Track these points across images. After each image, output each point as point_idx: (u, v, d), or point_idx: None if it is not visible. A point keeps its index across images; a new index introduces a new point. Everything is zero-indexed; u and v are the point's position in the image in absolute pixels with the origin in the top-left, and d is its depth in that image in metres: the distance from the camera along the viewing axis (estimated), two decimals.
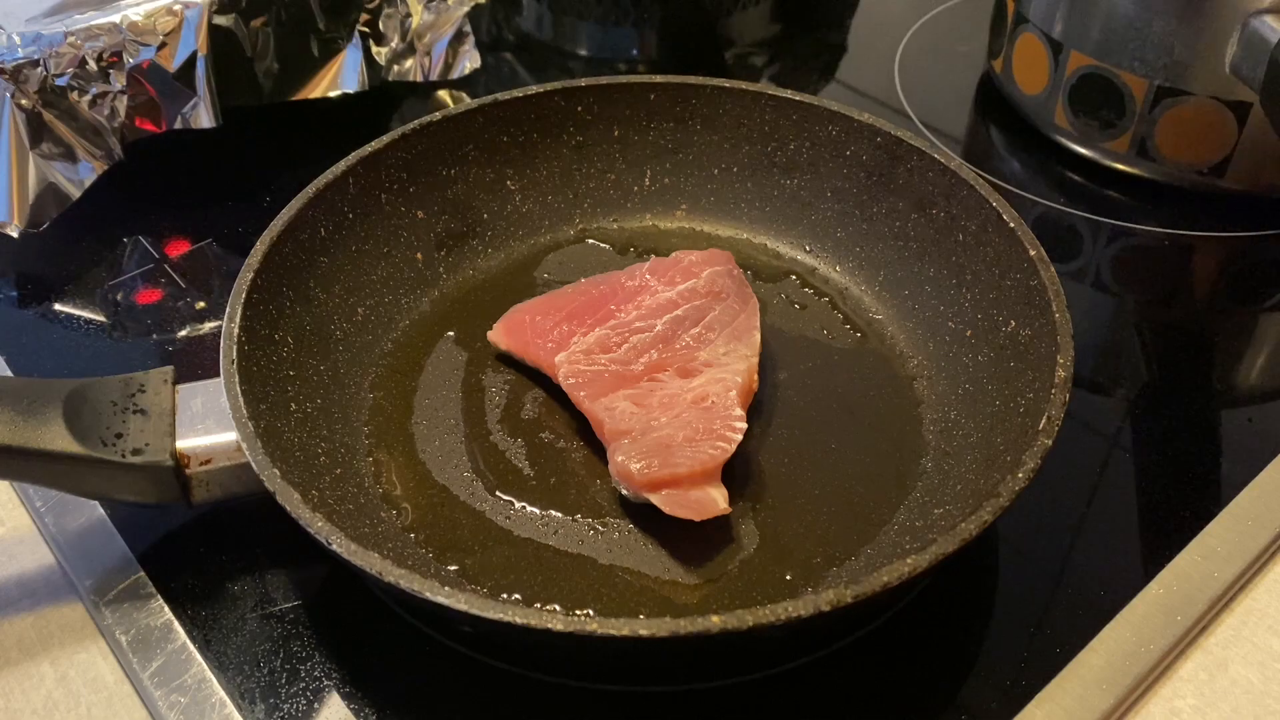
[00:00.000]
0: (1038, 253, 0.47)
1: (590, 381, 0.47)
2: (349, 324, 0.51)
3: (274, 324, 0.47)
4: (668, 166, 0.59)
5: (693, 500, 0.43)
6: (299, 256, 0.49)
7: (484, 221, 0.57)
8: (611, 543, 0.44)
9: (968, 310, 0.50)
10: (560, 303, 0.52)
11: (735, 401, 0.46)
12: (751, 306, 0.51)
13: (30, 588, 0.45)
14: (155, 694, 0.40)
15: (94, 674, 0.42)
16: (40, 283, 0.59)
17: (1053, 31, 0.64)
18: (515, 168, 0.57)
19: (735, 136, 0.58)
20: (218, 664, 0.41)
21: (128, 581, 0.44)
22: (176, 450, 0.42)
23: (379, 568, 0.36)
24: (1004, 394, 0.46)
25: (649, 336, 0.49)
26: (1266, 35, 0.55)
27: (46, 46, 0.56)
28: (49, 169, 0.58)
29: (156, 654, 0.42)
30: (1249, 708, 0.41)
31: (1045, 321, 0.45)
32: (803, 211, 0.57)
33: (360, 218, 0.52)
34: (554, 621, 0.34)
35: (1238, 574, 0.45)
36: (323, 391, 0.47)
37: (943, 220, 0.52)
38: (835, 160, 0.56)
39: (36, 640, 0.43)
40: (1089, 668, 0.41)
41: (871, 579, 0.35)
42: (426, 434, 0.48)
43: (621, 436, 0.45)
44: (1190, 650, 0.43)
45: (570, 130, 0.58)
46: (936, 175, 0.52)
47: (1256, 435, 0.51)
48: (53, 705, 0.41)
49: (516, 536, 0.44)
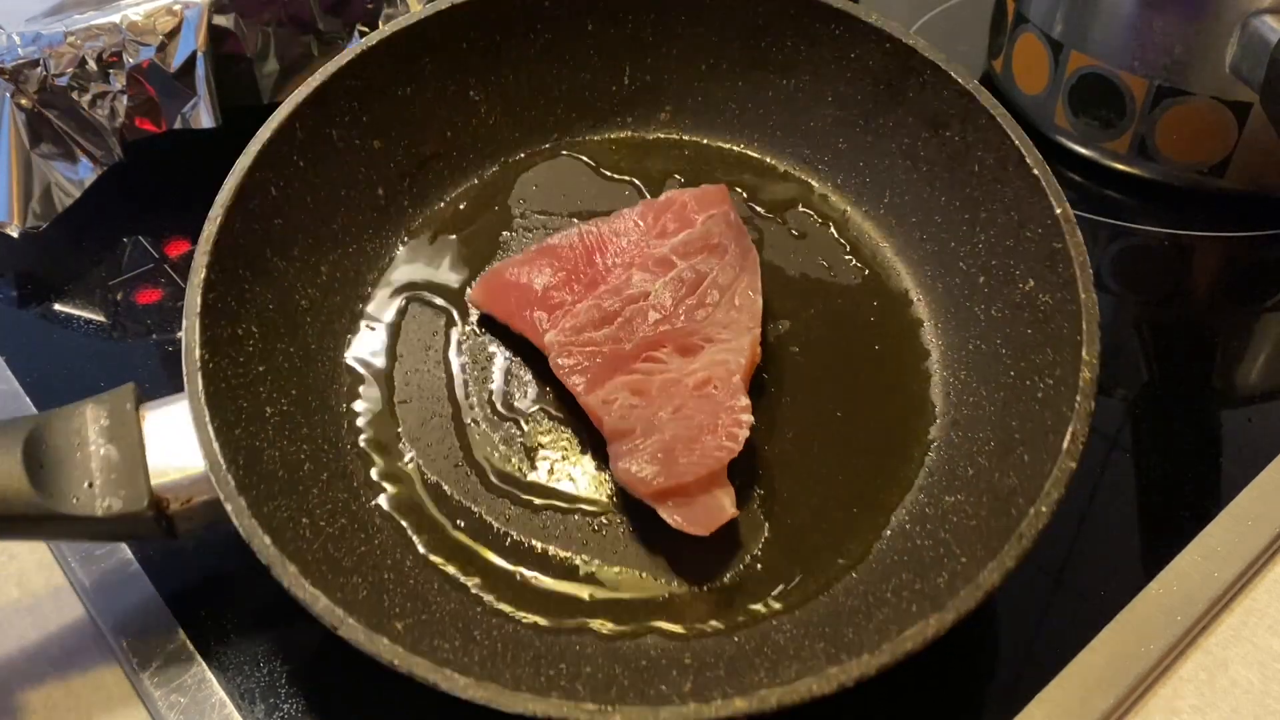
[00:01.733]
0: (1063, 210, 0.43)
1: (584, 368, 0.44)
2: (314, 289, 0.46)
3: (235, 318, 0.42)
4: (649, 63, 0.53)
5: (700, 510, 0.41)
6: (252, 229, 0.44)
7: (447, 140, 0.51)
8: (616, 541, 0.42)
9: (981, 253, 0.46)
10: (543, 262, 0.47)
11: (739, 386, 0.43)
12: (751, 262, 0.47)
13: (31, 588, 0.45)
14: (155, 694, 0.40)
15: (93, 674, 0.42)
16: (40, 283, 0.58)
17: (1053, 31, 0.64)
18: (478, 76, 0.51)
19: (724, 28, 0.52)
20: (218, 664, 0.41)
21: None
22: (154, 493, 0.38)
23: (389, 656, 0.34)
24: (1019, 366, 0.43)
25: (644, 306, 0.45)
26: (1266, 35, 0.55)
27: (46, 46, 0.56)
28: (49, 169, 0.58)
29: (156, 654, 0.42)
30: (1249, 708, 0.41)
31: (1068, 295, 0.41)
32: (799, 117, 0.52)
33: (312, 164, 0.47)
34: (581, 714, 0.32)
35: (1238, 574, 0.45)
36: (296, 379, 0.44)
37: (957, 144, 0.47)
38: (838, 63, 0.50)
39: (36, 640, 0.43)
40: (1089, 668, 0.41)
41: (896, 644, 0.34)
42: (413, 416, 0.45)
43: (623, 437, 0.42)
44: (1190, 650, 0.43)
45: (537, 28, 0.52)
46: (952, 95, 0.47)
47: (1256, 435, 0.51)
48: (52, 705, 0.41)
49: (515, 537, 0.42)
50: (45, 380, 0.53)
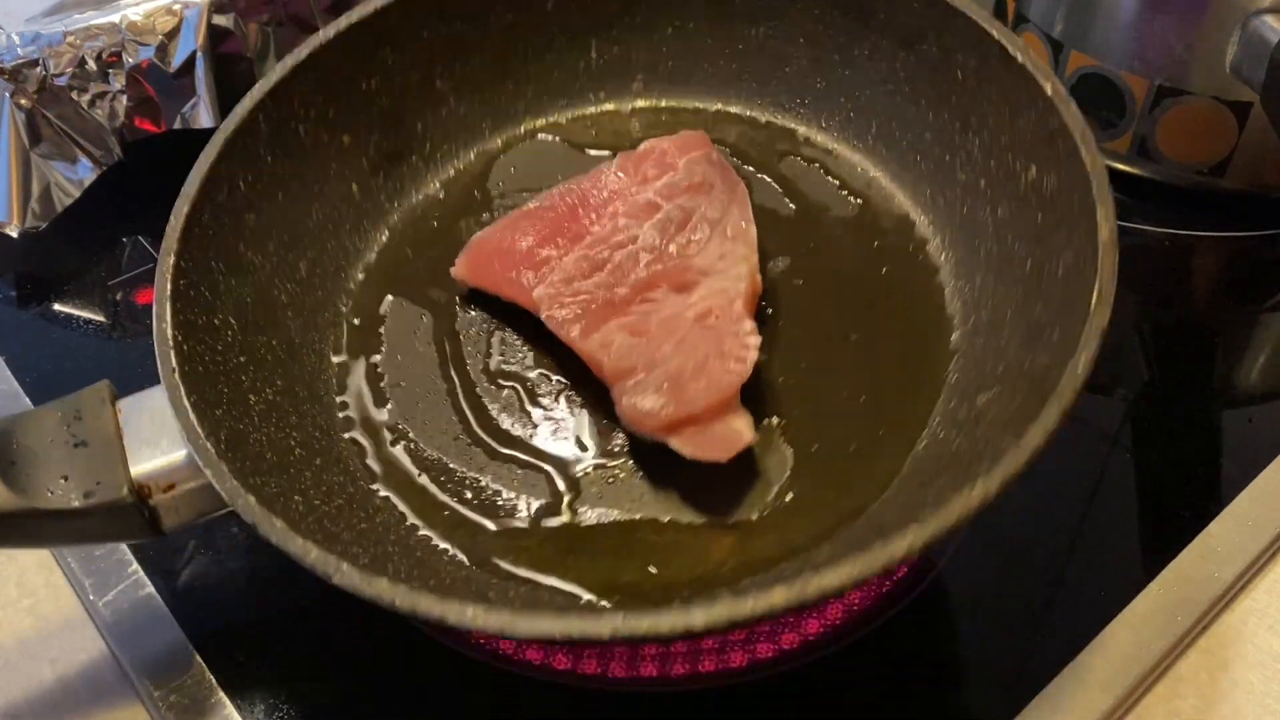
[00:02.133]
0: (1054, 88, 0.41)
1: (578, 316, 0.42)
2: (294, 284, 0.45)
3: (210, 308, 0.41)
4: (614, 34, 0.52)
5: (716, 437, 0.38)
6: (221, 222, 0.43)
7: (419, 134, 0.51)
8: (635, 490, 0.40)
9: (978, 158, 0.45)
10: (526, 224, 0.46)
11: (742, 313, 0.41)
12: (740, 194, 0.46)
13: (30, 588, 0.45)
14: (154, 694, 0.40)
15: (92, 674, 0.42)
16: (40, 283, 0.58)
17: (1053, 31, 0.64)
18: (443, 64, 0.51)
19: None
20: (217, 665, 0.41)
21: (127, 582, 0.44)
22: (133, 481, 0.37)
23: (390, 595, 0.31)
24: (1034, 254, 0.41)
25: (634, 250, 0.44)
26: (1267, 35, 0.55)
27: (46, 46, 0.56)
28: (48, 169, 0.58)
29: (156, 653, 0.41)
30: (1249, 708, 0.41)
31: (1073, 168, 0.39)
32: (774, 65, 0.51)
33: (281, 159, 0.46)
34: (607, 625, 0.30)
35: (1238, 574, 0.45)
36: (281, 371, 0.42)
37: (935, 56, 0.46)
38: (803, 0, 0.50)
39: (36, 640, 0.43)
40: (1089, 668, 0.41)
41: (944, 514, 0.31)
42: (405, 398, 0.44)
43: (625, 376, 0.40)
44: (1190, 651, 0.43)
45: (497, 10, 0.51)
46: (921, 6, 0.46)
47: (1257, 435, 0.51)
48: (53, 705, 0.41)
49: (527, 502, 0.40)
50: (45, 380, 0.52)
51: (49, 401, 0.39)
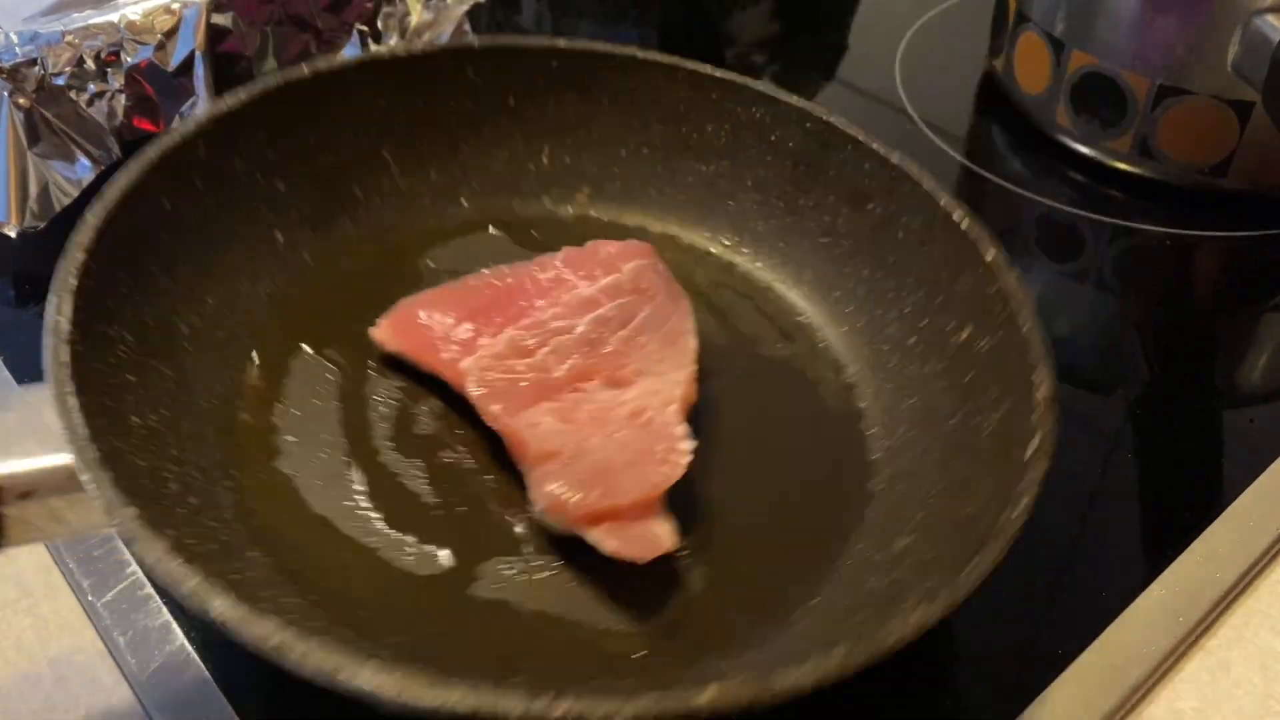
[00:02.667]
0: (994, 256, 0.42)
1: (505, 393, 0.40)
2: (198, 316, 0.43)
3: (108, 317, 0.39)
4: (569, 144, 0.53)
5: (636, 536, 0.37)
6: (137, 234, 0.41)
7: (355, 198, 0.49)
8: (537, 586, 0.38)
9: (909, 316, 0.46)
10: (460, 297, 0.45)
11: (677, 416, 0.40)
12: (684, 307, 0.45)
13: (28, 588, 0.45)
14: (154, 694, 0.40)
15: (91, 675, 0.42)
16: (39, 283, 0.58)
17: (1054, 30, 0.64)
18: (394, 137, 0.50)
19: (646, 114, 0.52)
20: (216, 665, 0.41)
21: (126, 582, 0.44)
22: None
23: (276, 640, 0.29)
24: (962, 409, 0.42)
25: (571, 339, 0.42)
26: (1268, 34, 0.55)
27: (44, 45, 0.56)
28: (47, 168, 0.57)
29: (155, 654, 0.41)
30: (1251, 709, 0.41)
31: (1010, 333, 0.40)
32: (719, 201, 0.52)
33: (211, 187, 0.45)
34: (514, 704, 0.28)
35: (1240, 575, 0.45)
36: (168, 400, 0.40)
37: (879, 216, 0.48)
38: (758, 146, 0.51)
39: (34, 641, 0.43)
40: (1090, 669, 0.41)
41: (881, 635, 0.31)
42: (299, 453, 0.41)
43: (548, 459, 0.38)
44: (1192, 651, 0.43)
45: (459, 96, 0.51)
46: (875, 168, 0.47)
47: (1258, 436, 0.51)
48: (51, 705, 0.41)
49: (418, 579, 0.38)
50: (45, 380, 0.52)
51: None
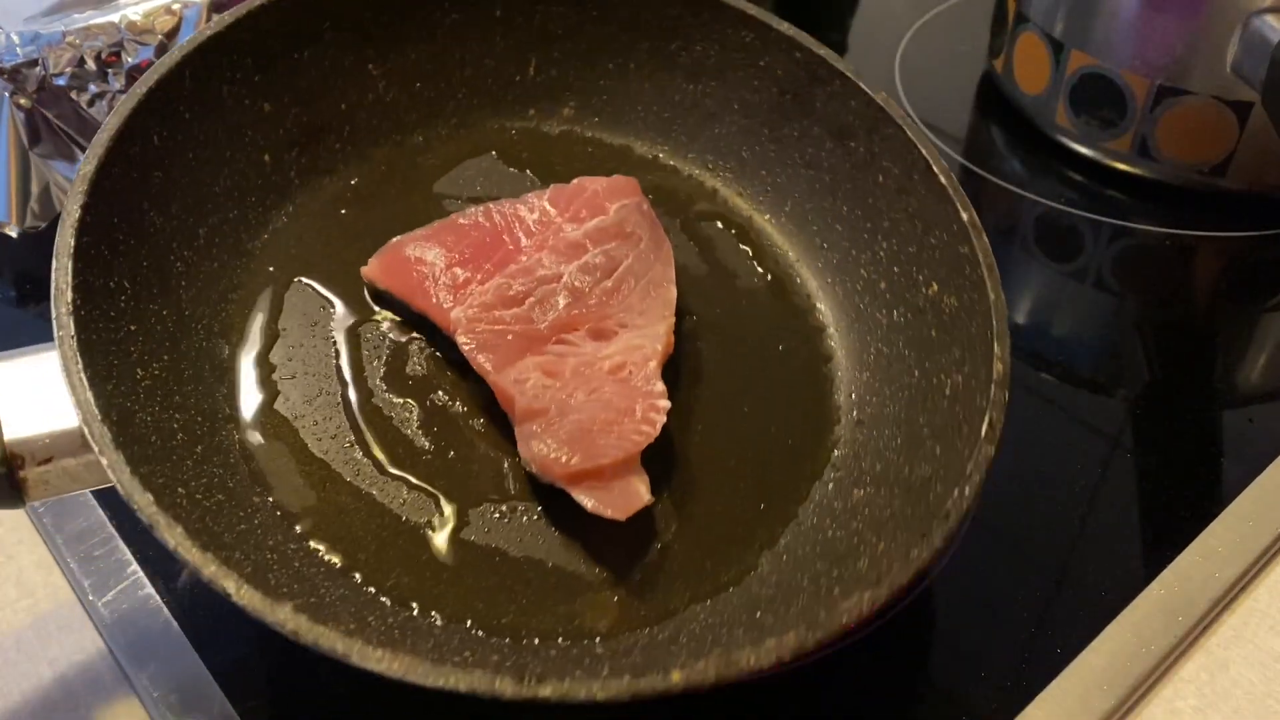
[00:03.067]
0: (970, 216, 0.43)
1: (493, 345, 0.42)
2: (190, 251, 0.43)
3: (108, 269, 0.39)
4: (555, 55, 0.52)
5: (616, 494, 0.39)
6: (130, 177, 0.41)
7: (342, 114, 0.49)
8: (521, 529, 0.40)
9: (883, 260, 0.46)
10: (449, 237, 0.46)
11: (655, 374, 0.42)
12: (666, 253, 0.46)
13: (29, 588, 0.45)
14: (154, 694, 0.40)
15: (92, 675, 0.42)
16: (39, 283, 0.58)
17: (1054, 31, 0.64)
18: (378, 49, 0.50)
19: (634, 28, 0.51)
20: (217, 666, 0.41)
21: (126, 582, 0.44)
22: (6, 448, 0.34)
23: (292, 625, 0.31)
24: (923, 366, 0.43)
25: (556, 288, 0.43)
26: (1267, 35, 0.55)
27: (45, 46, 0.56)
28: (48, 169, 0.57)
29: (155, 653, 0.41)
30: (1250, 708, 0.41)
31: (978, 298, 0.41)
32: (705, 123, 0.52)
33: (198, 117, 0.44)
34: (505, 686, 0.30)
35: (1239, 574, 0.45)
36: (168, 344, 0.41)
37: (861, 155, 0.48)
38: (746, 69, 0.50)
39: (35, 641, 0.43)
40: (1090, 668, 0.41)
41: (830, 618, 0.33)
42: (296, 395, 0.42)
43: (535, 417, 0.40)
44: (1191, 651, 0.43)
45: (444, 6, 0.50)
46: (860, 106, 0.47)
47: (1258, 435, 0.51)
48: (51, 705, 0.41)
49: (413, 524, 0.39)
50: None
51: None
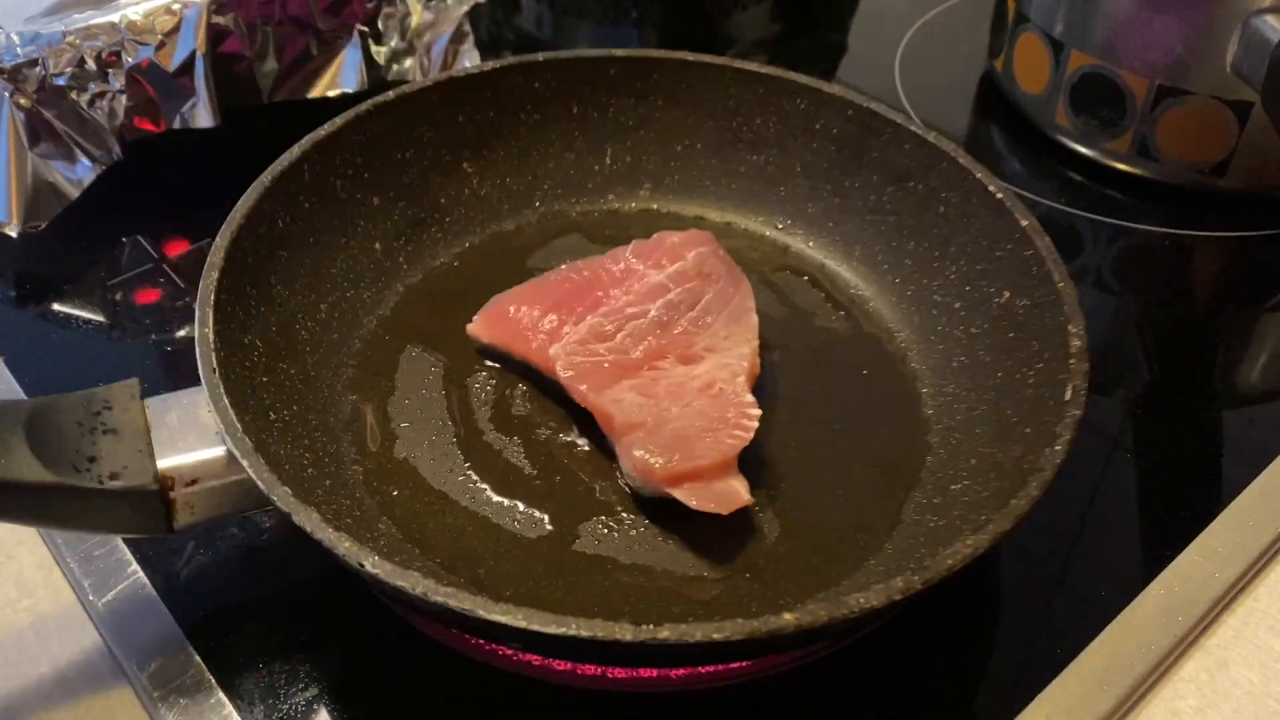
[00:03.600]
0: (1030, 222, 0.46)
1: (590, 373, 0.46)
2: (314, 322, 0.48)
3: (243, 327, 0.44)
4: (629, 144, 0.57)
5: (716, 493, 0.41)
6: (259, 252, 0.47)
7: (441, 206, 0.55)
8: (629, 540, 0.43)
9: (954, 283, 0.50)
10: (544, 291, 0.50)
11: (745, 387, 0.45)
12: (745, 288, 0.50)
13: (29, 587, 0.45)
14: (154, 694, 0.40)
15: (92, 674, 0.42)
16: (39, 283, 0.58)
17: (1054, 31, 0.64)
18: (471, 149, 0.55)
19: (698, 112, 0.56)
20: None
21: (126, 582, 0.44)
22: (160, 471, 0.38)
23: (421, 588, 0.33)
24: (1005, 365, 0.45)
25: (645, 323, 0.47)
26: (1267, 35, 0.55)
27: (45, 46, 0.56)
28: (48, 169, 0.58)
29: (156, 653, 0.41)
30: (1250, 708, 0.41)
31: (1047, 290, 0.44)
32: (771, 188, 0.56)
33: (317, 206, 0.50)
34: (624, 632, 0.32)
35: (1239, 574, 0.45)
36: (297, 397, 0.45)
37: (921, 193, 0.52)
38: (804, 134, 0.55)
39: (35, 640, 0.43)
40: (1090, 668, 0.41)
41: (937, 562, 0.35)
42: (414, 437, 0.46)
43: (634, 430, 0.43)
44: (1191, 651, 0.43)
45: (527, 108, 0.56)
46: (914, 148, 0.52)
47: (1257, 435, 0.51)
48: (52, 705, 0.41)
49: (527, 541, 0.43)
50: (45, 380, 0.52)
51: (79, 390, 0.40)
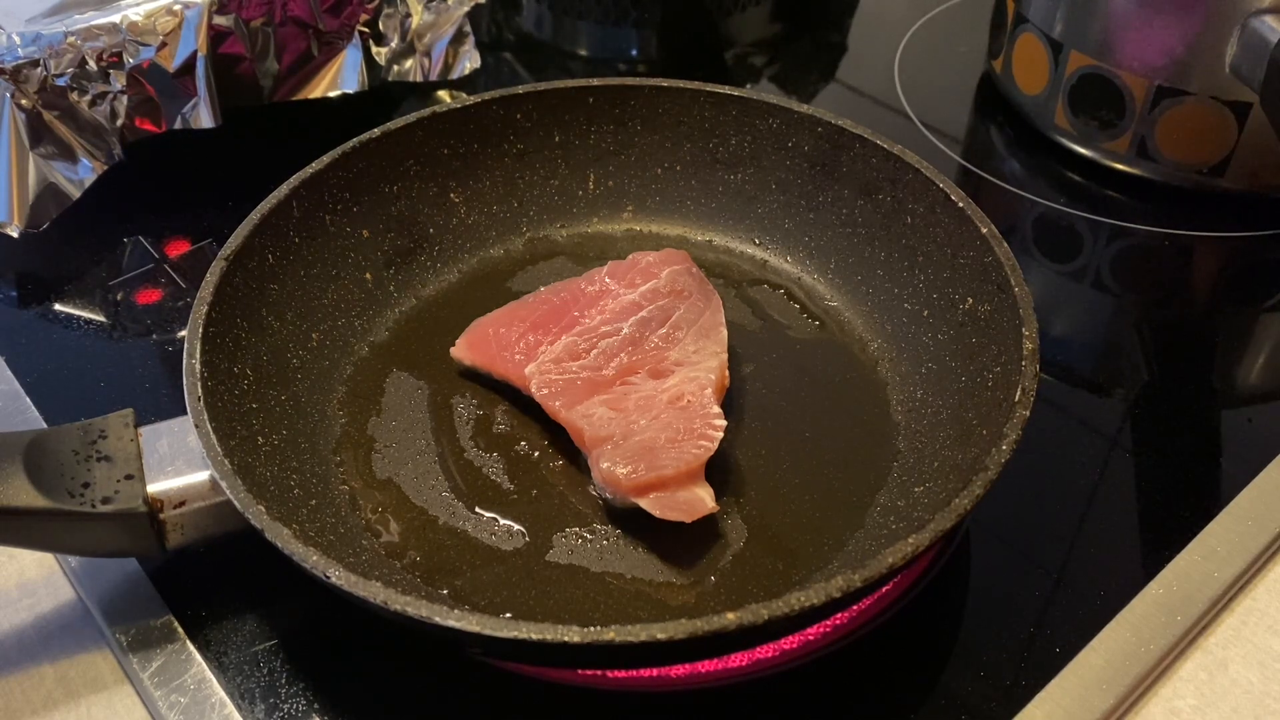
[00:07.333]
0: (989, 230, 0.48)
1: (564, 390, 0.47)
2: (305, 351, 0.50)
3: (232, 357, 0.46)
4: (610, 169, 0.59)
5: (681, 501, 0.43)
6: (249, 286, 0.48)
7: (430, 236, 0.56)
8: (601, 550, 0.44)
9: (922, 291, 0.51)
10: (522, 313, 0.52)
11: (711, 399, 0.46)
12: (715, 303, 0.51)
13: (30, 587, 0.45)
14: (155, 694, 0.40)
15: (93, 674, 0.42)
16: (40, 283, 0.59)
17: (1053, 31, 0.64)
18: (458, 179, 0.57)
19: (675, 135, 0.58)
20: (218, 664, 0.41)
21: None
22: (149, 495, 0.40)
23: (383, 597, 0.35)
24: (969, 370, 0.47)
25: (617, 340, 0.49)
26: (1266, 35, 0.55)
27: (46, 46, 0.56)
28: (49, 169, 0.58)
29: (156, 654, 0.42)
30: (1249, 708, 0.41)
31: (1005, 297, 0.46)
32: (748, 205, 0.58)
33: (306, 241, 0.52)
34: (570, 634, 0.34)
35: (1238, 574, 0.45)
36: (287, 422, 0.47)
37: (889, 205, 0.53)
38: (777, 152, 0.57)
39: (37, 640, 0.43)
40: (1089, 668, 0.41)
41: (878, 561, 0.36)
42: (398, 456, 0.48)
43: (603, 443, 0.45)
44: (1190, 650, 0.43)
45: (510, 138, 0.58)
46: (880, 161, 0.53)
47: (1256, 435, 0.51)
48: (53, 704, 0.41)
49: (503, 552, 0.44)
50: (45, 380, 0.53)
51: (73, 421, 0.42)
